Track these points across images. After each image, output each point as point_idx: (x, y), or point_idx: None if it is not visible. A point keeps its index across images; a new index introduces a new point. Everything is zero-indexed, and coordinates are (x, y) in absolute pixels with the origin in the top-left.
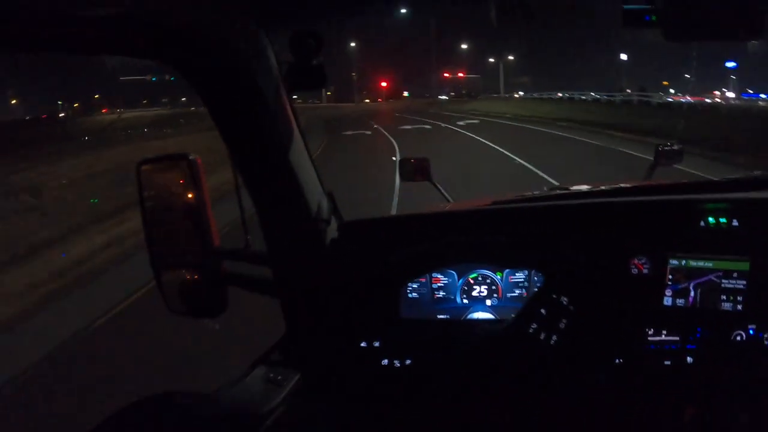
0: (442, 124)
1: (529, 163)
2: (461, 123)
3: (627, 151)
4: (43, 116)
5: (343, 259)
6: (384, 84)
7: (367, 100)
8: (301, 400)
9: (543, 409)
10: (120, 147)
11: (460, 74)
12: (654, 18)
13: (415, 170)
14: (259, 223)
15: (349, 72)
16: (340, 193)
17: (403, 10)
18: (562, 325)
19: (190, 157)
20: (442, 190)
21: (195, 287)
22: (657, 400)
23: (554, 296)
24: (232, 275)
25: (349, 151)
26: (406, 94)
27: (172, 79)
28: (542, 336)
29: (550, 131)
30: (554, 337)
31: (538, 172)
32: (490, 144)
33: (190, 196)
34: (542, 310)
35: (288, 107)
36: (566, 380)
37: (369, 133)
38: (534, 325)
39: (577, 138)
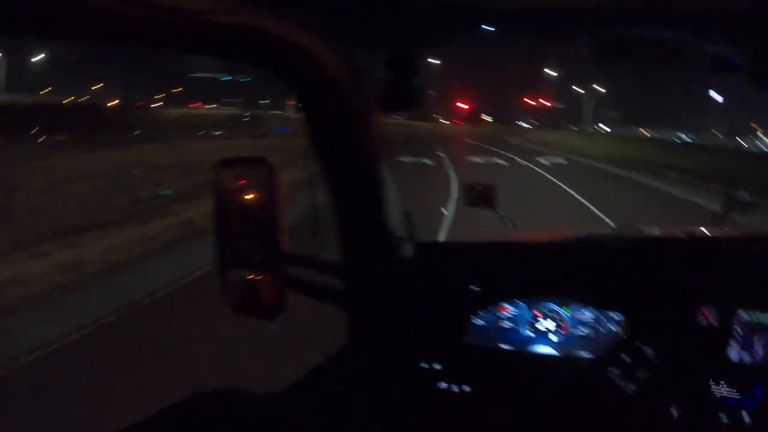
0: (521, 161)
1: None
2: (544, 161)
3: None
4: (116, 101)
5: (417, 278)
6: (463, 106)
7: (445, 121)
8: (352, 411)
9: None
10: (151, 145)
11: (544, 101)
12: (741, 63)
13: (481, 197)
14: (338, 234)
15: (426, 89)
16: None
17: (490, 28)
18: (640, 373)
19: (268, 161)
20: (508, 219)
21: (258, 289)
22: None
23: (637, 342)
24: (298, 280)
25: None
26: (486, 117)
27: (243, 80)
28: (619, 382)
29: (670, 190)
30: (632, 385)
31: None
32: (595, 210)
33: (263, 198)
34: (623, 355)
35: (380, 125)
36: (631, 428)
37: (430, 163)
38: (613, 370)
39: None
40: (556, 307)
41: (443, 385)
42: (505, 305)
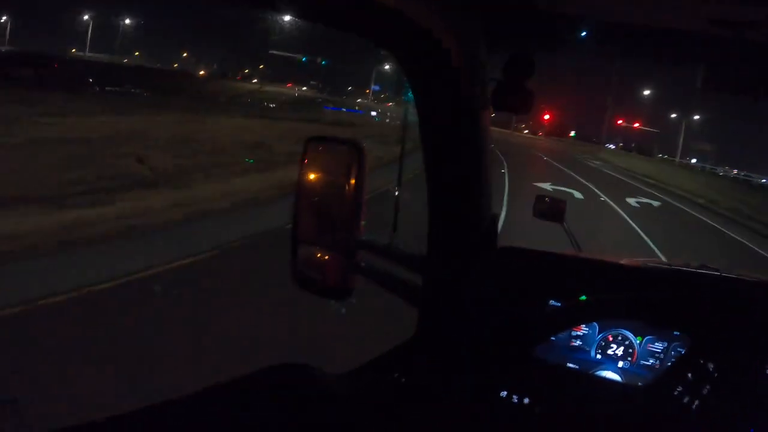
0: (601, 195)
1: None
2: (632, 202)
3: None
4: (201, 73)
5: (497, 282)
6: (547, 117)
7: (526, 131)
8: (409, 404)
9: None
10: (190, 115)
11: (636, 125)
12: None
13: (550, 210)
14: (428, 228)
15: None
16: None
17: (591, 39)
18: (705, 392)
19: (358, 143)
20: (574, 238)
21: (328, 269)
22: None
23: (702, 360)
24: (370, 267)
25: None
26: (572, 133)
27: (323, 62)
28: (685, 400)
29: None
30: (696, 402)
31: None
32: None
33: (347, 180)
34: (689, 375)
35: (488, 123)
36: None
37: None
38: (679, 389)
39: None
40: (628, 334)
41: (503, 393)
42: (580, 324)
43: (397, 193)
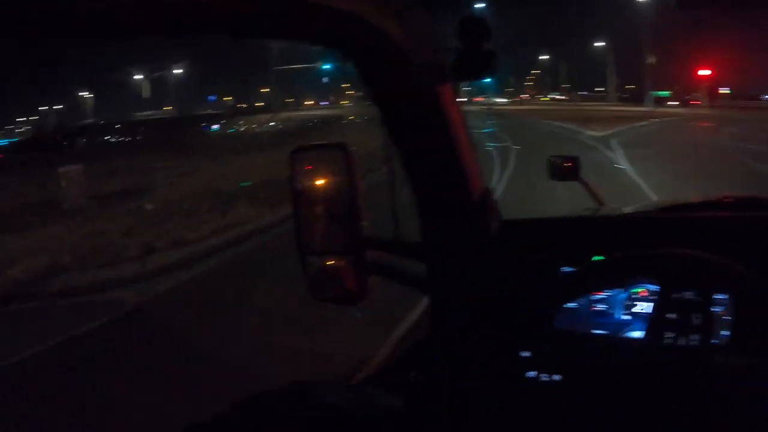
0: None
1: None
2: None
3: None
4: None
5: (503, 259)
6: (705, 72)
7: (672, 103)
8: (436, 403)
9: None
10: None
11: None
12: None
13: (565, 170)
14: (418, 216)
15: (631, 53)
16: None
17: None
18: (749, 361)
19: (343, 145)
20: (594, 191)
21: (339, 274)
22: None
23: (744, 327)
24: (379, 265)
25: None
26: (724, 90)
27: (323, 67)
28: (725, 371)
29: None
30: (741, 375)
31: None
32: None
33: (340, 183)
34: (729, 342)
35: (454, 96)
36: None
37: None
38: (718, 357)
39: None
40: (654, 288)
41: (531, 373)
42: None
43: (392, 183)
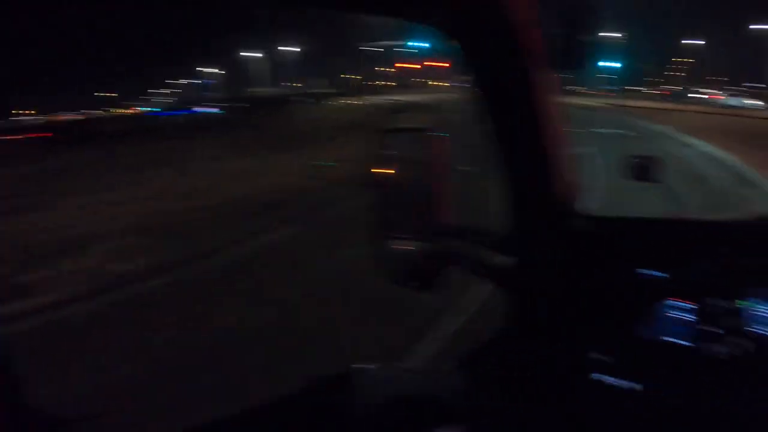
0: None
1: None
2: None
3: None
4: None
5: (593, 258)
6: None
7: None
8: (511, 398)
9: None
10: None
11: None
12: None
13: (648, 170)
14: (509, 209)
15: None
16: None
17: None
18: None
19: (434, 129)
20: (675, 196)
21: (417, 260)
22: None
23: None
24: (459, 254)
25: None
26: None
27: (412, 45)
28: None
29: None
30: None
31: None
32: None
33: (426, 168)
34: None
35: (553, 84)
36: None
37: None
38: None
39: None
40: (745, 305)
41: (611, 380)
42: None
43: (470, 171)
